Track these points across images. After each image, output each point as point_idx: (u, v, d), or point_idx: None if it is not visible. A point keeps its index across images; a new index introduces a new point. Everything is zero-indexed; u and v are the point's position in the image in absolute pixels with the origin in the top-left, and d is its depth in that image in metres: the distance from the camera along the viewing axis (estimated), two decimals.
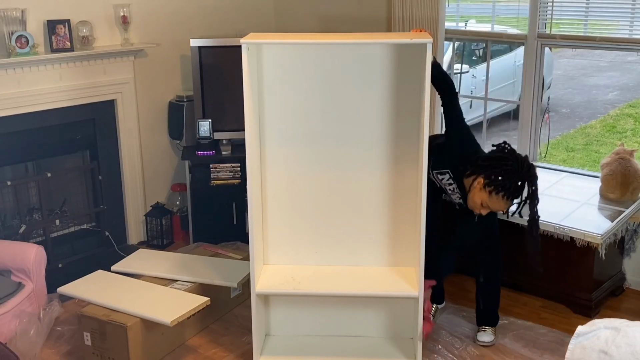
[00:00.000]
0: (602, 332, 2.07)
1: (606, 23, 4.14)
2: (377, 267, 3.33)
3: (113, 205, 4.48)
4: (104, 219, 4.44)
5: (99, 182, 4.40)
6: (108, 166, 4.44)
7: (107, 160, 4.43)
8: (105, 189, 4.43)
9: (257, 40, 2.94)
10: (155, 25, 4.55)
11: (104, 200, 4.43)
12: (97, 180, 4.41)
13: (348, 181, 3.27)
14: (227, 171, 4.50)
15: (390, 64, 3.11)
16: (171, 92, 4.73)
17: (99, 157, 4.40)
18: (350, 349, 3.34)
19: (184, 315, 3.22)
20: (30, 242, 3.91)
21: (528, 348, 3.40)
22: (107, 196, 4.45)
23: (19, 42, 3.77)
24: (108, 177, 4.44)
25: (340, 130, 3.22)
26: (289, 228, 3.34)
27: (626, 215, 3.69)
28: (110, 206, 4.46)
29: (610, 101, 8.92)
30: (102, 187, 4.42)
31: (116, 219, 4.52)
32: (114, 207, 4.49)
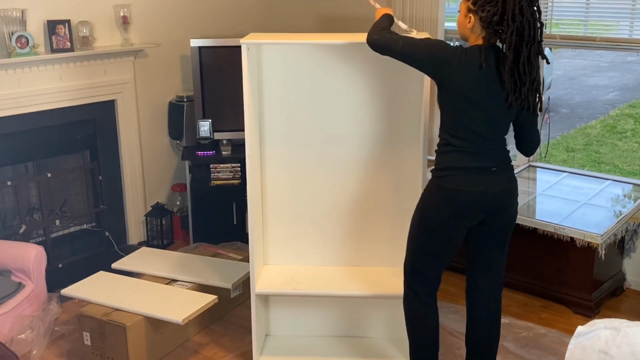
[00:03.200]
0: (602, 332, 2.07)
1: (606, 23, 4.14)
2: (377, 267, 3.34)
3: (113, 206, 4.48)
4: (104, 219, 4.44)
5: (99, 182, 4.40)
6: (108, 166, 4.44)
7: (107, 160, 4.43)
8: (105, 189, 4.43)
9: (257, 40, 2.95)
10: (155, 25, 4.55)
11: (104, 201, 4.43)
12: (97, 181, 4.41)
13: (348, 181, 3.27)
14: (227, 171, 4.50)
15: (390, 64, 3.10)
16: (171, 92, 4.73)
17: (99, 157, 4.40)
18: (350, 349, 3.34)
19: (194, 313, 3.23)
20: (31, 242, 3.92)
21: (528, 348, 3.40)
22: (107, 196, 4.45)
23: (19, 42, 3.77)
24: (108, 177, 4.44)
25: (341, 130, 3.22)
26: (289, 228, 3.34)
27: (626, 216, 3.70)
28: (110, 206, 4.46)
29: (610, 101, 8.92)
30: (102, 187, 4.42)
31: (116, 219, 4.52)
32: (114, 207, 4.49)
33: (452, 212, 2.60)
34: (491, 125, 2.56)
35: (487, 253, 2.74)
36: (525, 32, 2.43)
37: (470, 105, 2.53)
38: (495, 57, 2.50)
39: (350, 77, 3.16)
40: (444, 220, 2.62)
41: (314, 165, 3.27)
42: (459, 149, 2.58)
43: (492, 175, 2.60)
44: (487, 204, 2.60)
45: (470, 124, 2.55)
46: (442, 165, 2.64)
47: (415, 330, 2.85)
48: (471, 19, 2.52)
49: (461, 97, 2.53)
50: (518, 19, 2.41)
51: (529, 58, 2.46)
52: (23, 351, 3.32)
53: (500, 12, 2.43)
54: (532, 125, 2.66)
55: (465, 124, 2.55)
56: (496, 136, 2.60)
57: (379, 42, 2.65)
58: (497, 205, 2.62)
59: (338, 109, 3.21)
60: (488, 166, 2.59)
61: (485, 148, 2.58)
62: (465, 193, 2.57)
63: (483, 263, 2.76)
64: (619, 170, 6.37)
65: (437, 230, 2.65)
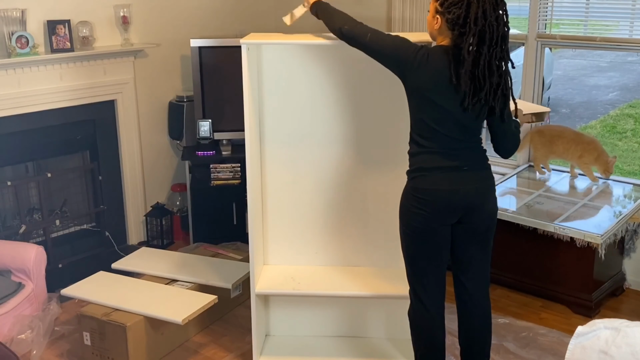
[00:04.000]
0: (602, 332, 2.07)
1: (606, 23, 4.14)
2: (377, 267, 3.34)
3: (113, 206, 4.48)
4: (104, 219, 4.44)
5: (99, 182, 4.41)
6: (108, 166, 4.44)
7: (107, 160, 4.43)
8: (105, 189, 4.43)
9: (257, 40, 2.94)
10: (155, 25, 4.55)
11: (104, 201, 4.43)
12: (97, 181, 4.41)
13: (348, 181, 3.27)
14: (227, 171, 4.50)
15: None
16: (171, 92, 4.73)
17: (99, 157, 4.40)
18: (350, 349, 3.34)
19: (194, 313, 3.24)
20: (31, 242, 3.92)
21: (528, 348, 3.40)
22: (107, 196, 4.45)
23: (19, 43, 3.77)
24: (108, 177, 4.44)
25: (340, 130, 3.22)
26: (289, 228, 3.34)
27: (626, 216, 3.70)
28: (110, 206, 4.46)
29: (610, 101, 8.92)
30: (102, 187, 4.42)
31: (116, 219, 4.52)
32: (114, 207, 4.49)
33: (428, 212, 2.58)
34: (457, 126, 2.53)
35: (467, 252, 2.71)
36: (486, 35, 2.39)
37: (433, 106, 2.51)
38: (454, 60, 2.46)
39: (350, 77, 3.16)
40: (422, 221, 2.60)
41: (314, 165, 3.27)
42: (427, 149, 2.57)
43: (464, 174, 2.58)
44: (460, 203, 2.58)
45: (435, 124, 2.53)
46: (414, 166, 2.63)
47: (419, 338, 2.81)
48: (438, 20, 2.50)
49: (423, 98, 2.52)
50: (480, 22, 2.38)
51: (489, 62, 2.42)
52: (23, 351, 3.32)
53: (464, 14, 2.41)
54: (504, 131, 2.61)
55: (430, 124, 2.53)
56: (465, 136, 2.57)
57: (350, 32, 2.64)
58: (470, 205, 2.59)
59: (338, 109, 3.21)
60: (459, 166, 2.57)
61: (454, 148, 2.56)
62: (437, 192, 2.56)
63: (465, 262, 2.73)
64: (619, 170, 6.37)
65: (419, 232, 2.63)
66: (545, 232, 3.67)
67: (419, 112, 2.56)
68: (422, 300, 2.73)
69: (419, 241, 2.66)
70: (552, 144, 4.07)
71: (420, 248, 2.67)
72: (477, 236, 2.69)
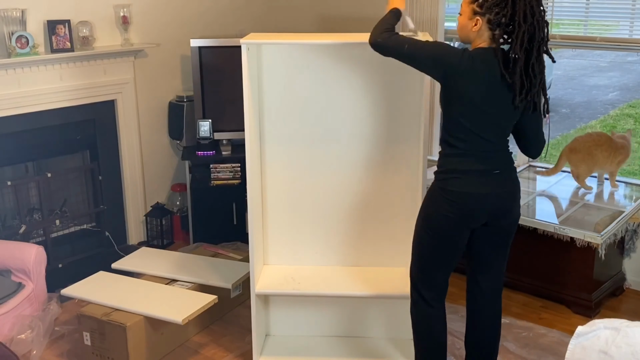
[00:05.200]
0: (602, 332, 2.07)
1: (606, 23, 4.14)
2: (377, 267, 3.33)
3: (113, 206, 4.48)
4: (104, 219, 4.44)
5: (99, 182, 4.40)
6: (108, 166, 4.44)
7: (107, 160, 4.43)
8: (105, 189, 4.43)
9: (257, 40, 2.94)
10: (155, 25, 4.55)
11: (104, 201, 4.43)
12: (97, 181, 4.41)
13: (348, 181, 3.27)
14: (227, 171, 4.50)
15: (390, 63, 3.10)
16: (171, 92, 4.73)
17: (99, 157, 4.40)
18: (350, 349, 3.34)
19: (194, 313, 3.24)
20: (31, 242, 3.91)
21: (528, 348, 3.40)
22: (107, 196, 4.45)
23: (19, 42, 3.77)
24: (108, 177, 4.44)
25: (340, 130, 3.22)
26: (289, 228, 3.34)
27: (626, 216, 3.70)
28: (110, 206, 4.46)
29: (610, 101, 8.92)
30: (102, 187, 4.42)
31: (116, 219, 4.52)
32: (114, 207, 4.49)
33: (456, 214, 2.57)
34: (494, 129, 2.54)
35: (489, 255, 2.73)
36: (536, 32, 2.41)
37: (474, 109, 2.50)
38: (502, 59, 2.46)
39: (350, 77, 3.16)
40: (449, 223, 2.60)
41: (314, 165, 3.26)
42: (462, 151, 2.56)
43: (496, 178, 2.58)
44: (491, 207, 2.59)
45: (473, 127, 2.52)
46: (445, 167, 2.61)
47: (422, 337, 2.81)
48: (478, 21, 2.48)
49: (466, 101, 2.50)
50: (529, 20, 2.39)
51: (538, 59, 2.44)
52: (23, 351, 3.32)
53: (510, 13, 2.41)
54: (538, 127, 2.63)
55: (468, 127, 2.52)
56: (499, 139, 2.58)
57: (384, 44, 2.61)
58: (500, 208, 2.61)
59: (338, 108, 3.21)
60: (491, 169, 2.57)
61: (488, 151, 2.56)
62: (469, 195, 2.55)
63: (485, 264, 2.76)
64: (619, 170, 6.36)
65: (442, 233, 2.63)
66: (545, 232, 3.67)
67: (457, 114, 2.54)
68: (427, 299, 2.74)
69: (437, 242, 2.65)
70: (591, 156, 3.89)
71: (437, 248, 2.67)
72: (501, 239, 2.70)
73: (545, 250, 3.76)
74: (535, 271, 3.86)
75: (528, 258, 3.85)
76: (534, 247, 3.80)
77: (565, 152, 3.99)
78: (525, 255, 3.85)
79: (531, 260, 3.85)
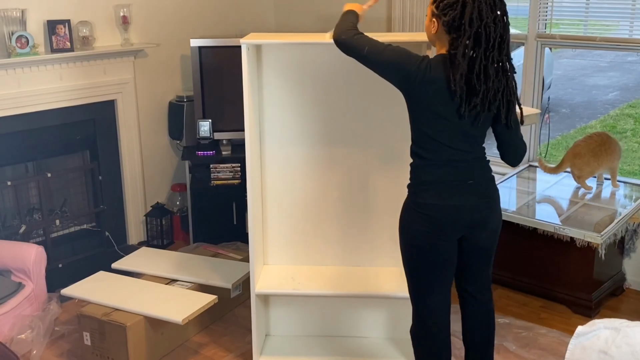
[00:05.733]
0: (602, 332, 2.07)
1: (606, 23, 4.14)
2: (377, 267, 3.34)
3: (113, 205, 4.49)
4: (104, 219, 4.44)
5: (99, 182, 4.41)
6: (108, 166, 4.44)
7: (107, 160, 4.43)
8: (105, 189, 4.43)
9: (257, 40, 2.94)
10: (155, 25, 4.55)
11: (104, 200, 4.43)
12: (97, 180, 4.41)
13: (348, 181, 3.27)
14: (227, 171, 4.50)
15: None
16: (171, 92, 4.74)
17: (99, 157, 4.40)
18: (350, 349, 3.34)
19: (194, 313, 3.24)
20: (31, 242, 3.91)
21: (528, 348, 3.40)
22: (107, 196, 4.45)
23: (19, 42, 3.77)
24: (108, 177, 4.44)
25: (340, 130, 3.23)
26: (289, 228, 3.34)
27: (626, 216, 3.70)
28: (110, 206, 4.46)
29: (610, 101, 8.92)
30: (102, 187, 4.42)
31: (116, 219, 4.52)
32: (114, 207, 4.49)
33: (430, 227, 2.47)
34: (462, 137, 2.43)
35: (473, 265, 2.64)
36: (482, 37, 2.28)
37: (437, 118, 2.41)
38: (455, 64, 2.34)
39: (350, 77, 3.16)
40: (427, 236, 2.48)
41: (314, 165, 3.27)
42: (431, 162, 2.47)
43: (469, 188, 2.47)
44: (466, 218, 2.49)
45: (438, 136, 2.42)
46: (416, 180, 2.53)
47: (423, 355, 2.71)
48: (435, 23, 2.40)
49: (425, 110, 2.42)
50: (476, 24, 2.27)
51: (485, 66, 2.30)
52: (23, 351, 3.32)
53: (459, 16, 2.30)
54: (510, 137, 2.51)
55: (433, 136, 2.43)
56: (471, 148, 2.47)
57: (346, 42, 2.53)
58: (476, 219, 2.50)
59: (338, 108, 3.21)
60: (464, 179, 2.47)
61: (458, 160, 2.46)
62: (440, 207, 2.45)
63: (469, 274, 2.66)
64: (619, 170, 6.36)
65: (423, 248, 2.51)
66: (545, 232, 3.67)
67: (420, 124, 2.46)
68: (426, 320, 2.63)
69: (422, 258, 2.55)
70: (596, 157, 3.85)
71: (424, 265, 2.56)
72: (483, 250, 2.61)
73: (545, 250, 3.76)
74: (535, 271, 3.86)
75: (528, 258, 3.85)
76: (534, 247, 3.80)
77: (569, 158, 3.94)
78: (525, 255, 3.85)
79: (531, 260, 3.85)
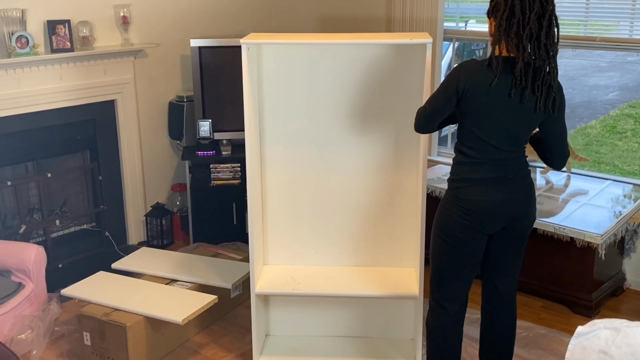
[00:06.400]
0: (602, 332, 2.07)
1: (606, 23, 4.14)
2: (377, 267, 3.33)
3: (113, 206, 4.49)
4: (104, 219, 4.44)
5: (99, 182, 4.41)
6: (108, 166, 4.44)
7: (107, 160, 4.43)
8: (105, 189, 4.43)
9: (257, 40, 2.94)
10: (155, 25, 4.55)
11: (104, 201, 4.43)
12: (97, 180, 4.41)
13: (348, 181, 3.27)
14: (227, 171, 4.50)
15: (390, 64, 3.11)
16: (171, 92, 4.74)
17: (99, 157, 4.40)
18: (350, 349, 3.34)
19: (194, 313, 3.24)
20: (31, 242, 3.91)
21: (528, 348, 3.40)
22: (107, 196, 4.45)
23: (19, 42, 3.77)
24: (108, 177, 4.44)
25: (340, 130, 3.22)
26: (289, 228, 3.34)
27: (626, 216, 3.70)
28: (110, 206, 4.47)
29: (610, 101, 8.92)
30: (102, 187, 4.42)
31: (116, 219, 4.52)
32: (114, 207, 4.49)
33: (472, 222, 2.55)
34: (507, 137, 2.50)
35: (506, 258, 2.71)
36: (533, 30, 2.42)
37: (485, 118, 2.48)
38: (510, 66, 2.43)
39: (350, 77, 3.16)
40: (465, 230, 2.57)
41: (314, 165, 3.26)
42: (474, 160, 2.54)
43: (510, 183, 2.55)
44: (507, 212, 2.56)
45: (485, 136, 2.49)
46: (458, 176, 2.59)
47: (436, 350, 2.77)
48: (491, 23, 2.49)
49: (478, 112, 2.48)
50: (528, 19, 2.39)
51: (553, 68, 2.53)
52: (23, 351, 3.32)
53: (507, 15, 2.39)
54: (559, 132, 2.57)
55: (480, 135, 2.50)
56: (513, 148, 2.53)
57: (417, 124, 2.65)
58: (517, 213, 2.59)
59: (338, 108, 3.21)
60: (505, 175, 2.55)
61: (501, 159, 2.53)
62: (483, 203, 2.53)
63: (502, 268, 2.73)
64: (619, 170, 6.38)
65: (459, 242, 2.60)
66: (545, 232, 3.67)
67: (470, 124, 2.52)
68: (447, 309, 2.70)
69: (456, 250, 2.62)
70: None
71: (456, 257, 2.63)
72: (518, 243, 2.69)
73: (545, 250, 3.76)
74: (535, 271, 3.85)
75: (528, 258, 3.82)
76: (534, 247, 3.78)
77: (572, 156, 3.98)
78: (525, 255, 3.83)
79: (531, 260, 3.84)
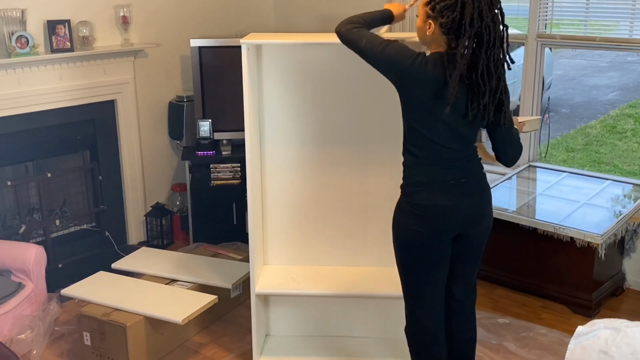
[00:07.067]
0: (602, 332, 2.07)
1: (606, 23, 4.14)
2: (376, 267, 3.33)
3: (113, 205, 4.49)
4: (104, 219, 4.44)
5: (99, 182, 4.41)
6: (108, 166, 4.44)
7: (107, 160, 4.43)
8: (105, 189, 4.43)
9: (257, 41, 2.94)
10: (155, 25, 4.55)
11: (104, 200, 4.43)
12: (97, 180, 4.41)
13: (348, 181, 3.27)
14: (227, 171, 4.50)
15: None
16: (171, 92, 4.73)
17: (99, 157, 4.40)
18: (349, 349, 3.34)
19: (194, 313, 3.24)
20: (31, 242, 3.92)
21: (528, 348, 3.40)
22: (107, 196, 4.45)
23: (19, 42, 3.77)
24: (108, 177, 4.45)
25: (340, 130, 3.23)
26: (289, 228, 3.34)
27: (626, 216, 3.70)
28: (110, 206, 4.47)
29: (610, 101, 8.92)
30: (102, 187, 4.42)
31: (116, 219, 4.52)
32: (114, 207, 4.49)
33: (426, 228, 2.46)
34: (454, 136, 2.42)
35: (463, 264, 2.63)
36: (484, 37, 2.27)
37: (427, 116, 2.40)
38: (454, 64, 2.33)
39: (350, 77, 3.16)
40: (423, 237, 2.48)
41: (314, 165, 3.27)
42: (423, 161, 2.47)
43: (463, 187, 2.46)
44: (462, 216, 2.48)
45: (430, 134, 2.41)
46: (409, 180, 2.52)
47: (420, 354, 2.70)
48: (431, 25, 2.38)
49: (418, 107, 2.42)
50: (476, 24, 2.25)
51: (487, 66, 2.30)
52: (23, 351, 3.32)
53: (459, 17, 2.27)
54: (506, 138, 2.49)
55: (425, 134, 2.42)
56: (463, 147, 2.46)
57: (345, 35, 2.55)
58: (470, 218, 2.50)
59: (338, 108, 3.21)
60: (457, 178, 2.46)
61: (451, 159, 2.45)
62: (437, 207, 2.44)
63: (458, 273, 2.65)
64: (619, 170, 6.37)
65: (419, 248, 2.50)
66: (545, 232, 3.67)
67: (413, 121, 2.46)
68: (421, 319, 2.63)
69: (417, 258, 2.54)
70: None
71: (419, 265, 2.56)
72: (475, 248, 2.61)
73: (545, 250, 3.76)
74: (535, 271, 3.86)
75: (528, 258, 3.85)
76: (534, 247, 3.80)
77: None
78: (525, 255, 3.85)
79: (531, 260, 3.85)
